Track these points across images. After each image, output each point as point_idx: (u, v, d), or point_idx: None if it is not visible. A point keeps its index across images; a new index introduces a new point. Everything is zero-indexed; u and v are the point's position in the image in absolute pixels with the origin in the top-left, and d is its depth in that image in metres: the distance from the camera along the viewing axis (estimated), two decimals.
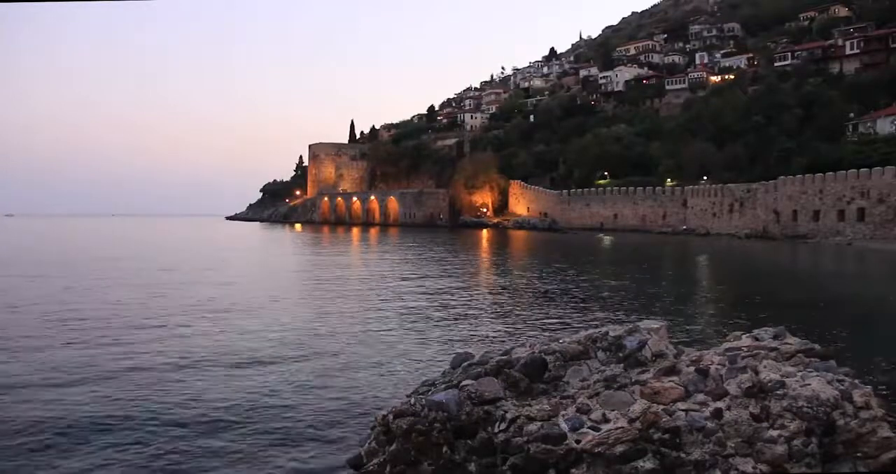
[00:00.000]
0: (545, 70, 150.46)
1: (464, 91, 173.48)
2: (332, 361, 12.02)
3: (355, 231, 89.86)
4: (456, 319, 16.82)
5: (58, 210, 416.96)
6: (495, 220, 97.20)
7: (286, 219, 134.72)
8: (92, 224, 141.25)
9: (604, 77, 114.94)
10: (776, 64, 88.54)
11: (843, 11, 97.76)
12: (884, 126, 64.56)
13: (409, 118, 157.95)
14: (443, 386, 6.41)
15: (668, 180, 79.46)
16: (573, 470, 5.43)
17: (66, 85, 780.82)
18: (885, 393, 8.45)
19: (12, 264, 34.04)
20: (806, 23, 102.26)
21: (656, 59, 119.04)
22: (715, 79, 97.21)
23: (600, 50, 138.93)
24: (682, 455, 5.28)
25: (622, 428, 5.45)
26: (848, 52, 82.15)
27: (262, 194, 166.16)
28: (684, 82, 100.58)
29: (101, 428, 8.22)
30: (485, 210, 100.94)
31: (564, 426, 5.60)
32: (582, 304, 19.34)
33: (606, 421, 5.56)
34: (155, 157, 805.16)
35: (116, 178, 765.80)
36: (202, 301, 20.14)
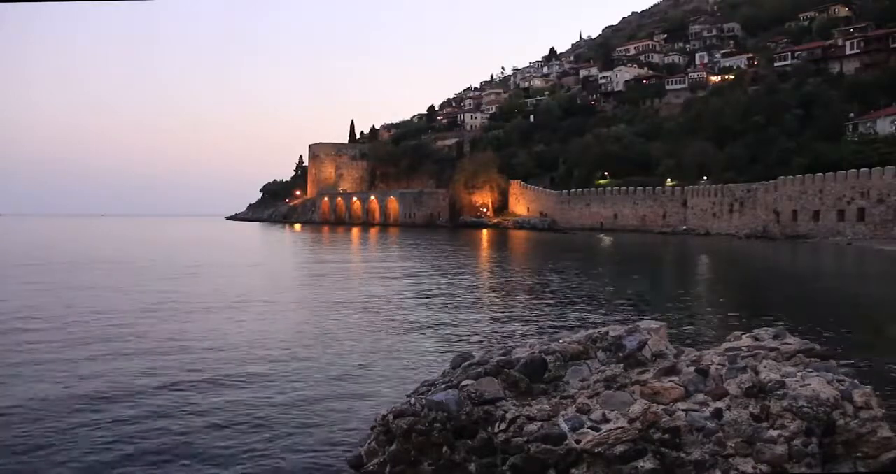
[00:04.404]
0: (545, 70, 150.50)
1: (464, 91, 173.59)
2: (332, 361, 12.02)
3: (355, 231, 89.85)
4: (456, 319, 16.82)
5: (54, 210, 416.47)
6: (495, 220, 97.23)
7: (286, 219, 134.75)
8: (80, 225, 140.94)
9: (604, 77, 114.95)
10: (776, 64, 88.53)
11: (843, 11, 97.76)
12: (884, 126, 64.59)
13: (409, 118, 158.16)
14: (443, 386, 6.41)
15: (668, 180, 79.47)
16: (573, 470, 5.43)
17: (64, 84, 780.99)
18: (885, 393, 8.45)
19: None
20: (806, 23, 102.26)
21: (656, 59, 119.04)
22: (715, 79, 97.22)
23: (600, 50, 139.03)
24: (682, 455, 5.28)
25: (622, 428, 5.45)
26: (848, 52, 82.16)
27: (262, 194, 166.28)
28: (684, 82, 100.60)
29: (102, 425, 8.21)
30: (485, 210, 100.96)
31: (564, 426, 5.60)
32: (582, 304, 19.34)
33: (606, 421, 5.56)
34: (154, 157, 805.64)
35: (114, 178, 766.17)
36: (200, 301, 20.13)
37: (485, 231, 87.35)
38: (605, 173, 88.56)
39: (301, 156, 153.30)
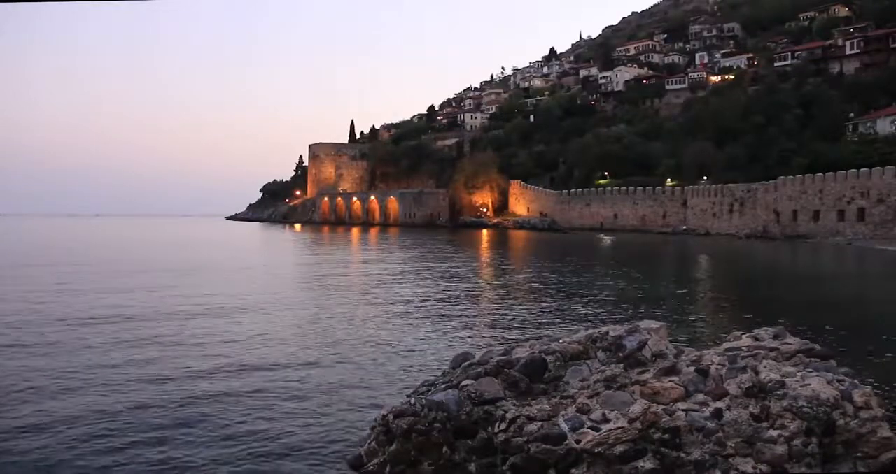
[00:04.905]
0: (545, 70, 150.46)
1: (464, 91, 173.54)
2: (333, 361, 12.02)
3: (355, 231, 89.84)
4: (456, 319, 16.82)
5: (54, 210, 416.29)
6: (495, 220, 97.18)
7: (286, 219, 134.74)
8: (79, 225, 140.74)
9: (604, 77, 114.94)
10: (776, 64, 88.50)
11: (843, 11, 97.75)
12: (884, 126, 64.59)
13: (409, 118, 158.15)
14: (443, 386, 6.41)
15: (668, 180, 79.45)
16: (573, 470, 5.43)
17: (64, 84, 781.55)
18: (885, 393, 8.45)
19: None
20: (806, 23, 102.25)
21: (656, 59, 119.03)
22: (715, 79, 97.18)
23: (600, 50, 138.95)
24: (682, 455, 5.28)
25: (622, 428, 5.45)
26: (848, 52, 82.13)
27: (262, 194, 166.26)
28: (684, 82, 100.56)
29: (100, 429, 8.21)
30: (485, 210, 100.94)
31: (564, 426, 5.60)
32: (582, 304, 19.34)
33: (606, 421, 5.56)
34: (154, 157, 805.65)
35: (114, 178, 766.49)
36: (200, 303, 20.13)
37: (485, 231, 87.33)
38: (605, 173, 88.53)
39: (301, 156, 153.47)
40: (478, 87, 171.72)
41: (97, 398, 9.53)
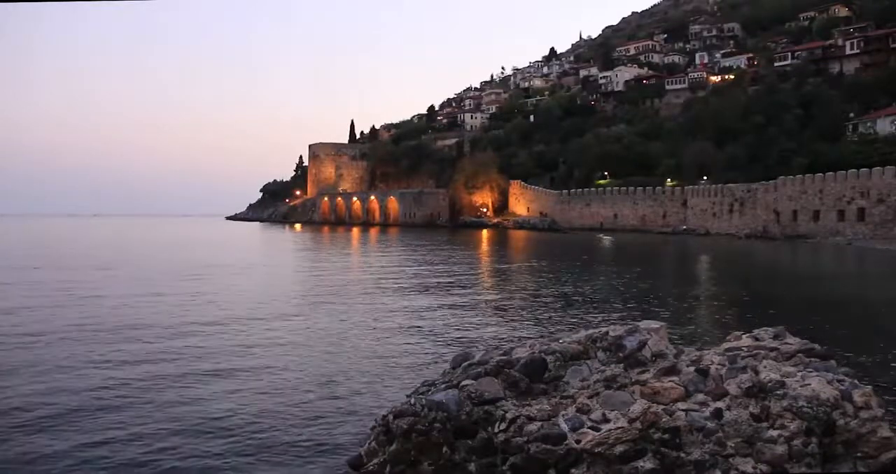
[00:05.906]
0: (545, 70, 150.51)
1: (464, 91, 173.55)
2: (332, 362, 12.02)
3: (355, 231, 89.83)
4: (456, 319, 16.81)
5: (54, 210, 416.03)
6: (495, 220, 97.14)
7: (286, 219, 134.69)
8: (79, 225, 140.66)
9: (604, 77, 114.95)
10: (776, 64, 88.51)
11: (843, 11, 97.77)
12: (884, 126, 64.59)
13: (409, 118, 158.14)
14: (443, 386, 6.40)
15: (668, 180, 79.43)
16: (573, 470, 5.43)
17: (64, 84, 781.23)
18: (884, 393, 8.44)
19: None
20: (806, 23, 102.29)
21: (656, 59, 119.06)
22: (715, 79, 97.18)
23: (600, 50, 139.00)
24: (682, 455, 5.28)
25: (622, 428, 5.44)
26: (848, 52, 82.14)
27: (262, 194, 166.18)
28: (684, 82, 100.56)
29: (98, 430, 8.21)
30: (485, 210, 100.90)
31: (564, 426, 5.59)
32: (582, 304, 19.34)
33: (606, 421, 5.56)
34: (154, 157, 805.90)
35: (114, 178, 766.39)
36: (201, 303, 20.13)
37: (485, 231, 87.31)
38: (605, 173, 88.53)
39: (301, 156, 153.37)
40: (478, 87, 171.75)
41: (95, 398, 9.52)
